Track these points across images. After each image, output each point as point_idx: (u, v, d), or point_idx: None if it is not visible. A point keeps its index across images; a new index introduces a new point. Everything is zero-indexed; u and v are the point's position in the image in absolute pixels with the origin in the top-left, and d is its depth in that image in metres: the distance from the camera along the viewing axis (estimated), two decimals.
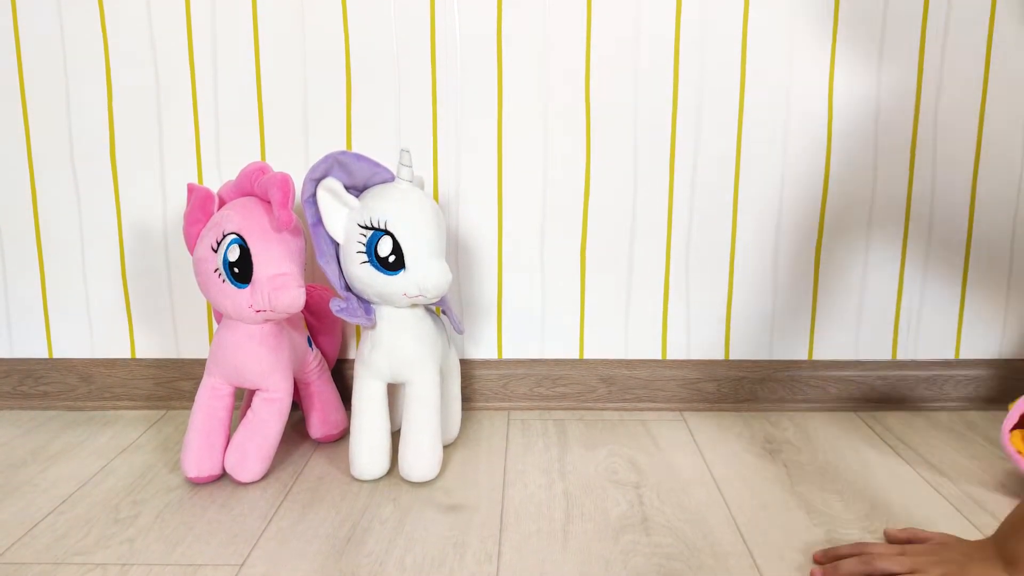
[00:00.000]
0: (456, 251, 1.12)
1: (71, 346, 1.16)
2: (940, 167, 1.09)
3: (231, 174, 1.10)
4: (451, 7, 1.06)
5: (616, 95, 1.07)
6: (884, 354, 1.14)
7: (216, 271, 0.89)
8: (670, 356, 1.14)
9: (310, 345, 1.02)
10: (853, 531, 0.81)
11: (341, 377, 1.12)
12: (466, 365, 1.14)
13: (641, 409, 1.14)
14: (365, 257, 0.88)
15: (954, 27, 1.05)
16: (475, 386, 1.15)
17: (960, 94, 1.07)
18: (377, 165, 0.91)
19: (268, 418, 0.92)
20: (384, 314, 0.91)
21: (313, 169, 0.88)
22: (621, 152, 1.09)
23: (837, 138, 1.08)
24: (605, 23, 1.06)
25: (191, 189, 0.93)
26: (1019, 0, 0.77)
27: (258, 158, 1.10)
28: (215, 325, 1.11)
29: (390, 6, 1.06)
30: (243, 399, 1.02)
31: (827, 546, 0.78)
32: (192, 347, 1.15)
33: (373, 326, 0.91)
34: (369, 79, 1.07)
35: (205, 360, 1.01)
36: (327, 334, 1.09)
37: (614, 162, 1.09)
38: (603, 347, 1.14)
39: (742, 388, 1.14)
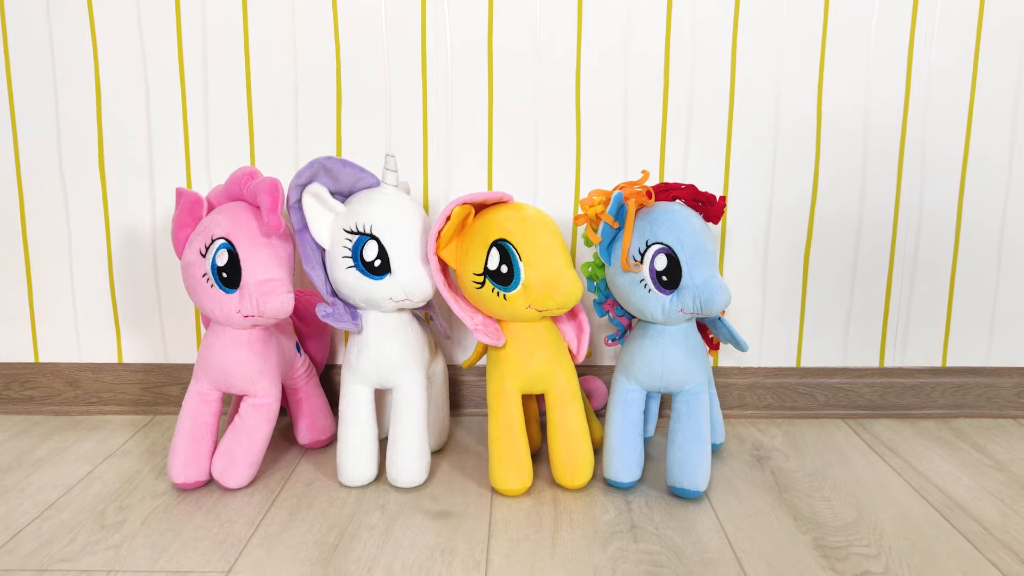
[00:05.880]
0: None
1: (58, 350, 1.15)
2: (928, 175, 1.09)
3: (220, 179, 1.10)
4: (442, 14, 1.06)
5: (606, 102, 1.08)
6: (872, 361, 1.14)
7: (204, 276, 0.89)
8: None
9: (298, 350, 1.02)
10: (840, 538, 0.81)
11: (329, 383, 1.12)
12: (453, 371, 1.14)
13: None
14: (351, 262, 0.88)
15: (942, 35, 1.06)
16: (463, 392, 1.15)
17: (948, 102, 1.08)
18: (363, 170, 0.91)
19: (256, 424, 0.92)
20: (370, 319, 0.91)
21: (298, 175, 0.88)
22: (611, 158, 1.09)
23: (826, 146, 1.09)
24: (596, 32, 1.06)
25: (179, 193, 0.93)
26: None
27: (247, 163, 1.10)
28: (203, 330, 1.11)
29: (381, 13, 1.06)
30: (231, 404, 1.02)
31: (815, 553, 0.78)
32: (180, 352, 1.15)
33: (359, 331, 0.91)
34: (359, 85, 1.07)
35: (193, 365, 1.00)
36: (315, 339, 1.08)
37: (604, 168, 1.09)
38: (592, 354, 1.14)
39: (730, 395, 1.14)
